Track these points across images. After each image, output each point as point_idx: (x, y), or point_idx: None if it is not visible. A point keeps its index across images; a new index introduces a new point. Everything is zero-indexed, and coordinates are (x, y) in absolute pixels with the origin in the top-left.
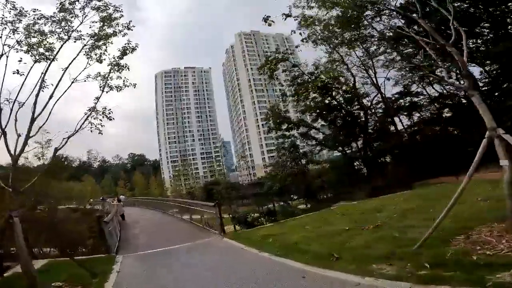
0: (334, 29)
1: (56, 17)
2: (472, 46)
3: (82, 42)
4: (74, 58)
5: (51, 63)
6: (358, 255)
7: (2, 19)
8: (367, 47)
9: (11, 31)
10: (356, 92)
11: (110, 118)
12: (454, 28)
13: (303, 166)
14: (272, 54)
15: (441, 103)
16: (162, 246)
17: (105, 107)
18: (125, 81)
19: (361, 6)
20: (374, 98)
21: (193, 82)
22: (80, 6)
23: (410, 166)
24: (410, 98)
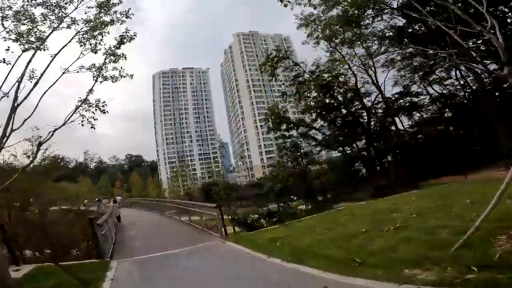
0: (336, 27)
1: (49, 1)
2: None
3: (76, 28)
4: (66, 44)
5: (39, 51)
6: (384, 260)
7: None
8: (368, 46)
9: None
10: (357, 91)
11: (103, 111)
12: (489, 15)
13: (305, 167)
14: (273, 52)
15: (442, 103)
16: (161, 250)
17: (98, 99)
18: (121, 71)
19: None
20: (375, 98)
21: (191, 83)
22: None
23: (411, 166)
24: (410, 98)
